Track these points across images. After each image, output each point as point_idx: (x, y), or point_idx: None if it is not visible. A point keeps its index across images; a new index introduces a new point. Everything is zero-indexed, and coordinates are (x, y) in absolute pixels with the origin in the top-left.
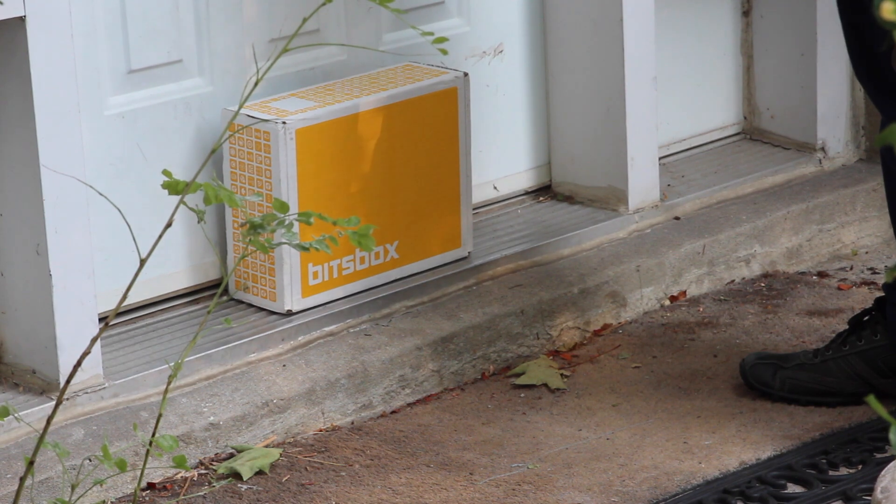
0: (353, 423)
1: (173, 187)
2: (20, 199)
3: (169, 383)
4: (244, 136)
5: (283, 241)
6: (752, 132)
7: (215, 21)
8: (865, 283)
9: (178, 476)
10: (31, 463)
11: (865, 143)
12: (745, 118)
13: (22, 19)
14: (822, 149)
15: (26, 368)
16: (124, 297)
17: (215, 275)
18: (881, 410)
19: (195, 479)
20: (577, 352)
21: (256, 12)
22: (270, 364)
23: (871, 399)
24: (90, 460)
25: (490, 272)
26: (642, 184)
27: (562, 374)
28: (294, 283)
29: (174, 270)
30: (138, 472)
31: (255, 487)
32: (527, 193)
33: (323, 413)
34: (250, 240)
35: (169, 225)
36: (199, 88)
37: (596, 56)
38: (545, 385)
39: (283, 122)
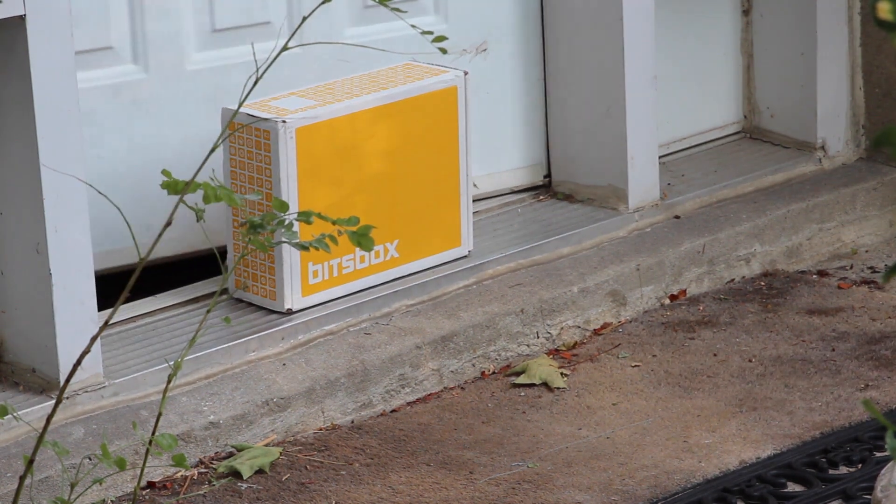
0: (353, 421)
1: (172, 187)
2: (20, 198)
3: (169, 382)
4: (244, 136)
5: (283, 240)
6: (752, 131)
7: (149, 9)
8: (865, 281)
9: (178, 475)
10: (30, 462)
11: (865, 142)
12: (745, 117)
13: (22, 18)
14: (822, 148)
15: (26, 367)
16: (124, 296)
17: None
18: (877, 414)
19: (195, 477)
20: (577, 351)
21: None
22: (270, 363)
23: (866, 402)
24: (90, 459)
25: (490, 271)
26: (642, 183)
27: (562, 373)
28: (294, 281)
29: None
30: (138, 471)
31: (255, 486)
32: (513, 192)
33: (323, 412)
34: (250, 239)
35: (168, 224)
36: (131, 75)
37: (596, 55)
38: (545, 384)
39: (284, 121)
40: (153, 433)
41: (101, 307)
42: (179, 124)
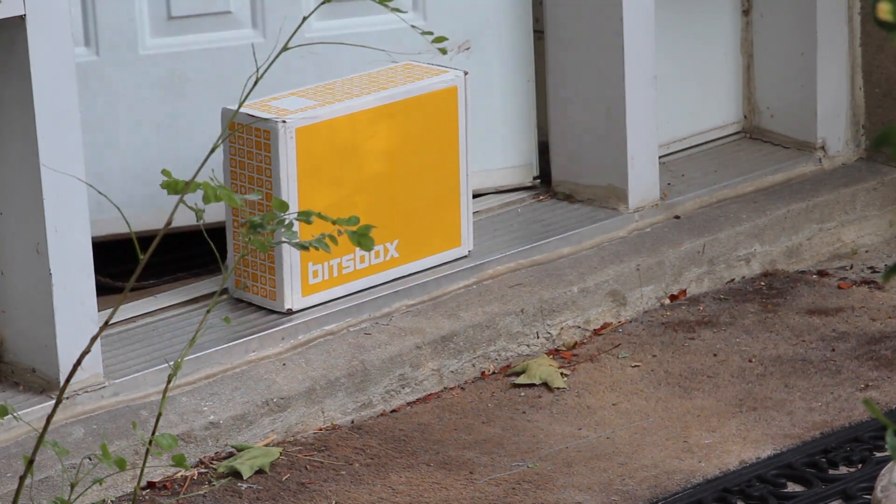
0: (353, 421)
1: (172, 187)
2: (20, 197)
3: (169, 382)
4: (244, 136)
5: (283, 239)
6: (752, 131)
7: None
8: (865, 281)
9: (178, 475)
10: (30, 462)
11: (865, 142)
12: (745, 117)
13: (22, 18)
14: (822, 148)
15: (26, 367)
16: (124, 296)
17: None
18: (877, 413)
19: (195, 477)
20: (577, 351)
21: None
22: (270, 363)
23: (867, 401)
24: (90, 459)
25: (490, 271)
26: (642, 183)
27: (562, 373)
28: (294, 281)
29: None
30: (138, 471)
31: (255, 486)
32: (498, 192)
33: (323, 412)
34: (250, 238)
35: (168, 224)
36: (82, 57)
37: (596, 55)
38: (545, 384)
39: (284, 121)
40: (153, 433)
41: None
42: (131, 107)
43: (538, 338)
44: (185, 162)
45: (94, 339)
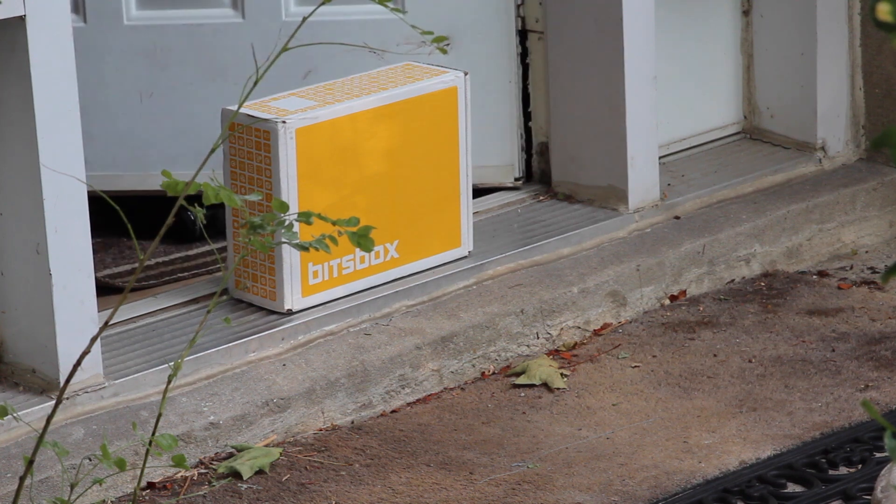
0: (352, 422)
1: (172, 187)
2: (20, 198)
3: (169, 383)
4: (244, 136)
5: (283, 240)
6: (752, 131)
7: None
8: (865, 282)
9: (178, 475)
10: (30, 462)
11: (865, 143)
12: (745, 117)
13: (22, 18)
14: (822, 148)
15: (26, 368)
16: (124, 296)
17: None
18: (875, 414)
19: (195, 478)
20: (577, 351)
21: None
22: (270, 363)
23: (865, 402)
24: (90, 459)
25: (490, 271)
26: (642, 183)
27: (562, 374)
28: (294, 282)
29: None
30: (138, 472)
31: (255, 487)
32: (481, 191)
33: (323, 412)
34: (250, 239)
35: (168, 225)
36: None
37: (596, 55)
38: (545, 384)
39: (284, 122)
40: (153, 434)
41: None
42: (116, 74)
43: (538, 338)
44: (165, 131)
45: (93, 340)
